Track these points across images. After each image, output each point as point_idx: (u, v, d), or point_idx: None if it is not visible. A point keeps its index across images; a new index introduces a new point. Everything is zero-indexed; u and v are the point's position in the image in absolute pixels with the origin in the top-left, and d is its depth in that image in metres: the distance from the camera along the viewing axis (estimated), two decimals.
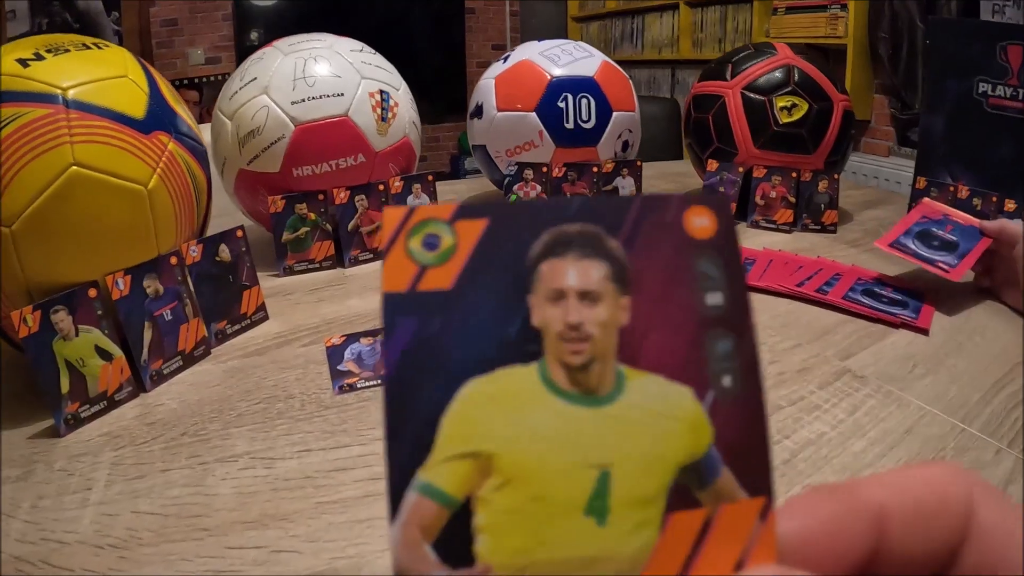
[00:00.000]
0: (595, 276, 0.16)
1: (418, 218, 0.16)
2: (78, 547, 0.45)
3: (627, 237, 0.16)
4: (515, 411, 0.16)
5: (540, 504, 0.15)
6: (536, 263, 0.16)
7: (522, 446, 0.16)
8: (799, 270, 0.93)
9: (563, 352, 0.16)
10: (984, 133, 1.16)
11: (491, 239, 0.16)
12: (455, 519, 0.15)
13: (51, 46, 0.66)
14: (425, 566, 0.15)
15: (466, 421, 0.15)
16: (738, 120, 1.20)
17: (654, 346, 0.16)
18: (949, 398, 0.65)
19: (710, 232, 0.17)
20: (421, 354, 0.16)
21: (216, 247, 0.74)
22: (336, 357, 0.70)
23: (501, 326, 0.16)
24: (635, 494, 0.16)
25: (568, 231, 0.16)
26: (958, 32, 1.20)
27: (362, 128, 0.97)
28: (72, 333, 0.59)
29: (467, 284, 0.16)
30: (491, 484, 0.15)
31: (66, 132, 0.60)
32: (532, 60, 1.23)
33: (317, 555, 0.44)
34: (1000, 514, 0.18)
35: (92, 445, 0.57)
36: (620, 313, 0.16)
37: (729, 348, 0.16)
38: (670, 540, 0.16)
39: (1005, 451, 0.56)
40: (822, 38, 3.20)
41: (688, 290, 0.17)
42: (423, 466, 0.15)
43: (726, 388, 0.16)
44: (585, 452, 0.16)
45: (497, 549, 0.15)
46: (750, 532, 0.16)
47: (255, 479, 0.52)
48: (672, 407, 0.16)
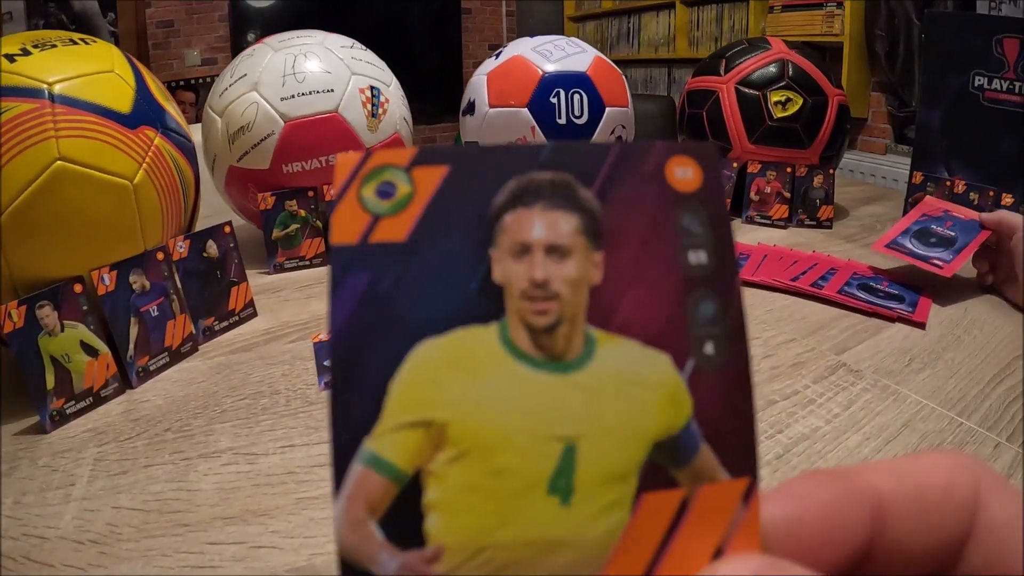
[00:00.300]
0: (565, 229, 0.15)
1: (373, 164, 0.15)
2: (59, 543, 0.44)
3: (602, 187, 0.15)
4: (472, 376, 0.14)
5: (498, 480, 0.14)
6: (500, 214, 0.15)
7: (479, 415, 0.14)
8: (794, 265, 0.93)
9: (527, 312, 0.14)
10: (981, 127, 1.16)
11: (451, 187, 0.15)
12: (404, 494, 0.14)
13: (38, 41, 0.66)
14: (371, 546, 0.13)
15: (418, 386, 0.14)
16: (732, 115, 1.20)
17: (629, 308, 0.15)
18: (947, 392, 0.64)
19: (695, 184, 0.15)
20: (371, 311, 0.14)
21: (204, 243, 0.74)
22: (323, 353, 0.70)
23: (459, 282, 0.14)
24: (604, 471, 0.14)
25: (537, 179, 0.15)
26: (954, 26, 1.19)
27: (352, 124, 0.97)
28: (57, 329, 0.59)
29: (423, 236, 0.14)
30: (444, 457, 0.14)
31: (51, 127, 0.60)
32: (524, 56, 1.22)
33: (297, 551, 0.44)
34: (1012, 510, 0.17)
35: (76, 441, 0.56)
36: (592, 270, 0.15)
37: (713, 312, 0.15)
38: (642, 523, 0.14)
39: (1004, 445, 0.56)
40: (818, 36, 3.20)
41: (669, 247, 0.15)
42: (370, 435, 0.14)
43: (708, 356, 0.15)
44: (549, 423, 0.14)
45: (450, 529, 0.14)
46: (731, 516, 0.15)
47: (237, 475, 0.51)
48: (647, 376, 0.15)
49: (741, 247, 1.00)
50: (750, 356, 0.15)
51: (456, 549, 0.13)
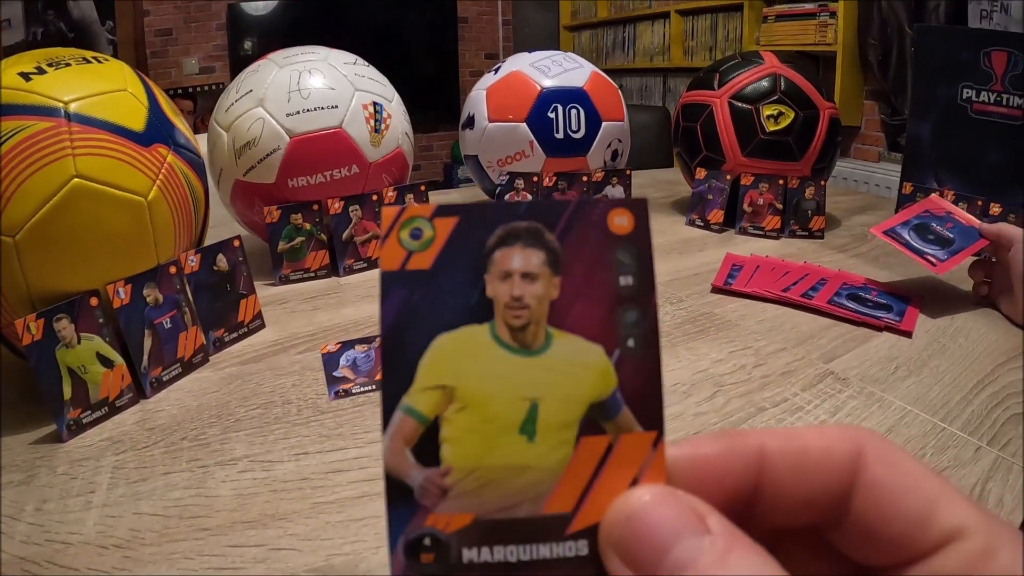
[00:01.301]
0: (535, 261, 0.21)
1: (407, 215, 0.21)
2: (83, 547, 0.46)
3: (561, 232, 0.21)
4: (471, 357, 0.21)
5: (487, 425, 0.20)
6: (492, 251, 0.21)
7: (475, 382, 0.21)
8: (785, 276, 0.95)
9: (508, 317, 0.21)
10: (969, 138, 1.18)
11: (460, 232, 0.21)
12: (428, 432, 0.20)
13: (52, 60, 0.67)
14: (405, 465, 0.20)
15: (437, 363, 0.20)
16: (726, 129, 1.22)
17: (576, 315, 0.21)
18: (930, 399, 0.66)
19: (628, 229, 0.21)
20: (406, 315, 0.20)
21: (214, 256, 0.76)
22: (332, 364, 0.72)
23: (464, 296, 0.21)
24: (556, 421, 0.21)
25: (517, 227, 0.21)
26: (944, 39, 1.22)
27: (356, 139, 0.99)
28: (74, 341, 0.61)
29: (441, 265, 0.21)
30: (453, 408, 0.20)
31: (68, 145, 0.61)
32: (523, 71, 1.25)
33: (315, 552, 0.46)
34: (894, 468, 0.21)
35: (94, 450, 0.58)
36: (552, 289, 0.21)
37: (635, 319, 0.21)
38: (581, 457, 0.21)
39: (984, 449, 0.58)
40: (812, 45, 3.24)
41: (606, 273, 0.21)
42: (407, 394, 0.20)
43: (630, 348, 0.21)
44: (520, 389, 0.21)
45: (456, 455, 0.20)
46: (644, 457, 0.21)
47: (254, 481, 0.53)
48: (586, 359, 0.21)
49: (734, 258, 1.02)
50: (660, 348, 0.21)
51: (459, 468, 0.20)
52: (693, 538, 0.18)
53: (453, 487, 0.20)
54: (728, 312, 0.87)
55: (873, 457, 0.21)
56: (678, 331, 0.81)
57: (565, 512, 0.20)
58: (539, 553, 0.20)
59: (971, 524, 0.20)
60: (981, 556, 0.19)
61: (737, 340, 0.79)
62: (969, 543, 0.19)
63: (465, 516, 0.20)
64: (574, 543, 0.20)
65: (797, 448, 0.21)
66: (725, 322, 0.84)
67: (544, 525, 0.20)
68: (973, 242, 0.87)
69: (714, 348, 0.77)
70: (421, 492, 0.20)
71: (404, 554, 0.20)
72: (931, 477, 0.21)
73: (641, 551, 0.19)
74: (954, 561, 0.19)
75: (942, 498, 0.20)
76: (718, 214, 1.24)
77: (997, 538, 0.19)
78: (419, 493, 0.20)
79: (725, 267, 0.99)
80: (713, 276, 0.97)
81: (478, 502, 0.20)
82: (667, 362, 0.19)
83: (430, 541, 0.20)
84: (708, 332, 0.81)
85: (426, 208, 0.21)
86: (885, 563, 0.21)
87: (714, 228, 1.25)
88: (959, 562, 0.19)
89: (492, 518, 0.20)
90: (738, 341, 0.78)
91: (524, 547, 0.20)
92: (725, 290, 0.93)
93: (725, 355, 0.75)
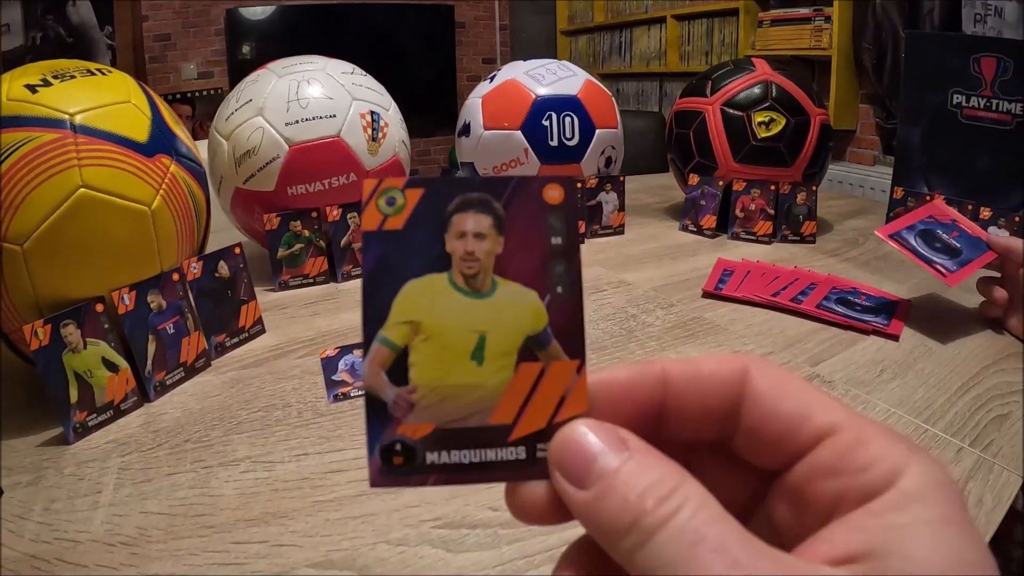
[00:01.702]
0: (484, 224, 0.25)
1: (384, 187, 0.25)
2: (91, 545, 0.48)
3: (506, 201, 0.25)
4: (434, 299, 0.25)
5: (444, 351, 0.25)
6: (450, 215, 0.25)
7: (436, 318, 0.25)
8: (775, 280, 0.97)
9: (462, 267, 0.25)
10: (959, 143, 1.20)
11: (425, 200, 0.25)
12: (399, 358, 0.24)
13: (57, 72, 0.68)
14: (380, 384, 0.24)
15: (406, 303, 0.24)
16: (718, 135, 1.24)
17: (516, 266, 0.25)
18: (915, 401, 0.68)
19: (559, 199, 0.25)
20: (382, 266, 0.24)
21: (215, 263, 0.78)
22: (331, 368, 0.74)
23: (428, 251, 0.25)
24: (499, 350, 0.25)
25: (471, 196, 0.25)
26: (933, 45, 1.24)
27: (353, 148, 1.00)
28: (80, 346, 0.62)
29: (410, 226, 0.25)
30: (419, 339, 0.25)
31: (74, 156, 0.63)
32: (517, 79, 1.27)
33: (315, 548, 0.48)
34: (774, 380, 0.25)
35: (100, 452, 0.59)
36: (497, 246, 0.25)
37: (562, 270, 0.25)
38: (519, 379, 0.25)
39: (966, 450, 0.59)
40: (807, 50, 3.25)
41: (540, 234, 0.25)
42: (382, 327, 0.24)
43: (558, 293, 0.25)
44: (472, 323, 0.25)
45: (421, 375, 0.24)
46: (570, 380, 0.25)
47: (256, 481, 0.55)
48: (524, 301, 0.25)
49: (725, 263, 1.04)
50: (583, 293, 0.25)
51: (423, 386, 0.24)
52: (614, 452, 0.23)
53: (418, 402, 0.24)
54: (718, 316, 0.88)
55: (757, 372, 0.25)
56: (668, 335, 0.83)
57: (507, 423, 0.25)
58: (487, 456, 0.25)
59: (842, 421, 0.23)
60: (851, 446, 0.22)
61: (726, 344, 0.80)
62: (841, 437, 0.23)
63: (428, 426, 0.24)
64: (514, 448, 0.25)
65: (692, 368, 0.25)
66: (714, 326, 0.85)
67: (490, 433, 0.25)
68: (981, 253, 0.84)
69: (703, 352, 0.78)
70: (393, 406, 0.24)
71: (380, 458, 0.24)
72: (807, 387, 0.24)
73: (575, 464, 0.23)
74: (828, 452, 0.23)
75: (815, 402, 0.24)
76: (711, 219, 1.26)
77: (867, 432, 0.22)
78: (391, 407, 0.24)
79: (716, 272, 1.01)
80: (705, 281, 0.98)
81: (438, 414, 0.24)
82: None
83: (400, 447, 0.24)
84: (697, 336, 0.83)
85: (399, 181, 0.25)
86: (775, 464, 0.24)
87: (707, 233, 1.27)
88: (833, 453, 0.23)
89: (449, 427, 0.24)
90: (727, 345, 0.80)
91: (475, 451, 0.25)
92: (716, 295, 0.95)
93: None
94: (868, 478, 0.21)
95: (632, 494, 0.21)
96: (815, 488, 0.23)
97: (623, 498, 0.21)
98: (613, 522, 0.21)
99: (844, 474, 0.22)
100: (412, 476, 0.24)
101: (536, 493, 0.24)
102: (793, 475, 0.24)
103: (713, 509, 0.21)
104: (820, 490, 0.23)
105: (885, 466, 0.21)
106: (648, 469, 0.22)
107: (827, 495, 0.22)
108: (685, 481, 0.22)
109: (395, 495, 0.53)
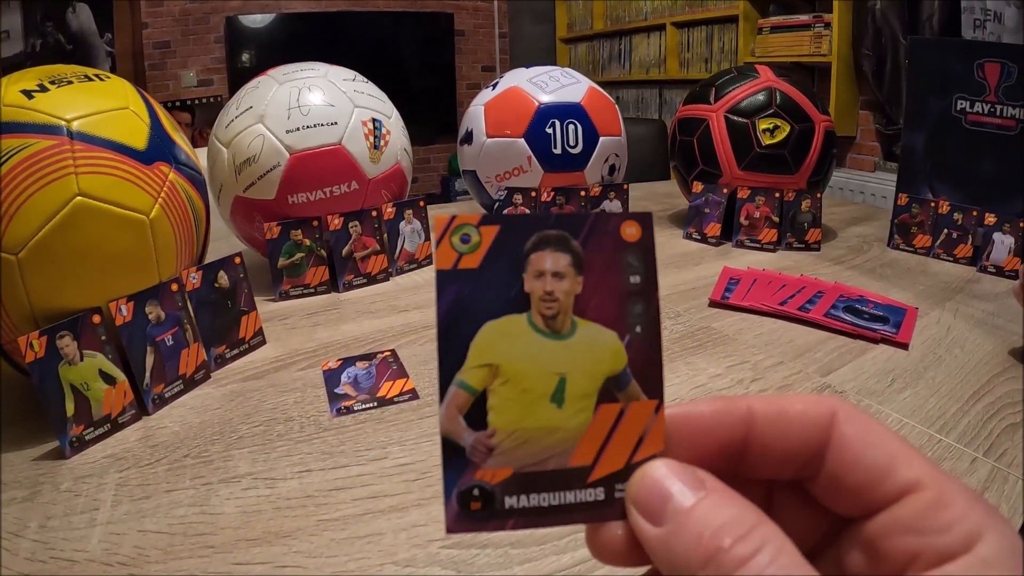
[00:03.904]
0: (563, 263, 0.24)
1: (458, 223, 0.24)
2: (87, 565, 0.46)
3: (584, 239, 0.25)
4: (513, 341, 0.24)
5: (524, 395, 0.24)
6: (528, 253, 0.24)
7: (515, 361, 0.24)
8: (782, 289, 0.96)
9: (542, 307, 0.24)
10: (963, 149, 1.19)
11: (502, 237, 0.24)
12: (477, 402, 0.24)
13: (54, 77, 0.67)
14: (459, 429, 0.24)
15: (484, 346, 0.24)
16: (722, 143, 1.23)
17: (595, 306, 0.25)
18: (927, 410, 0.67)
19: (637, 236, 0.25)
20: (458, 306, 0.24)
21: (215, 274, 0.76)
22: (333, 380, 0.72)
23: (506, 291, 0.24)
24: (579, 392, 0.24)
25: (548, 234, 0.24)
26: (937, 51, 1.23)
27: (355, 156, 0.99)
28: (77, 358, 0.61)
29: (487, 265, 0.24)
30: (498, 382, 0.24)
31: (71, 163, 0.62)
32: (520, 87, 1.26)
33: (320, 570, 0.46)
34: (861, 427, 0.24)
35: (97, 467, 0.58)
36: (576, 286, 0.24)
37: (640, 310, 0.25)
38: (598, 421, 0.24)
39: (981, 460, 0.58)
40: (807, 56, 3.25)
41: (618, 274, 0.25)
42: (460, 371, 0.24)
43: (637, 333, 0.25)
44: (551, 365, 0.24)
45: (499, 419, 0.24)
46: (648, 420, 0.24)
47: (258, 498, 0.54)
48: (603, 342, 0.25)
49: (731, 272, 1.03)
50: (661, 333, 0.25)
51: (502, 430, 0.24)
52: (691, 490, 0.23)
53: (497, 446, 0.24)
54: (726, 326, 0.87)
55: (844, 418, 0.24)
56: (676, 346, 0.82)
57: (586, 464, 0.24)
58: (565, 499, 0.24)
59: (925, 477, 0.22)
60: (935, 506, 0.22)
61: (735, 354, 0.79)
62: (924, 494, 0.22)
63: (507, 470, 0.24)
64: (593, 490, 0.24)
65: (777, 409, 0.25)
66: (723, 336, 0.84)
67: (569, 475, 0.24)
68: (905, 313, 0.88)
69: (712, 363, 0.77)
70: (471, 451, 0.24)
71: (457, 504, 0.24)
72: (893, 437, 0.24)
73: (651, 502, 0.23)
74: (911, 509, 0.22)
75: (901, 455, 0.23)
76: (715, 227, 1.25)
77: (948, 491, 0.22)
78: (469, 452, 0.24)
79: (722, 281, 1.00)
80: (711, 290, 0.97)
81: (517, 458, 0.24)
82: (666, 377, 0.21)
83: (478, 492, 0.24)
84: (706, 347, 0.81)
85: (473, 217, 0.24)
86: (854, 512, 0.24)
87: (711, 241, 1.26)
88: (915, 510, 0.22)
89: (528, 471, 0.24)
90: (735, 355, 0.79)
91: (553, 494, 0.24)
92: (722, 304, 0.93)
93: (723, 370, 0.75)
94: (947, 540, 0.21)
95: (707, 531, 0.21)
96: (893, 543, 0.23)
97: (697, 535, 0.21)
98: (686, 558, 0.21)
99: (924, 534, 0.22)
100: (490, 521, 0.24)
101: (616, 534, 0.24)
102: (871, 526, 0.23)
103: (793, 555, 0.21)
104: (898, 546, 0.22)
105: (964, 529, 0.21)
106: (723, 507, 0.22)
107: (905, 552, 0.22)
108: (763, 522, 0.22)
109: (401, 513, 0.52)
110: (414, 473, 0.57)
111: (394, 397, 0.69)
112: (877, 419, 0.25)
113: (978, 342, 0.82)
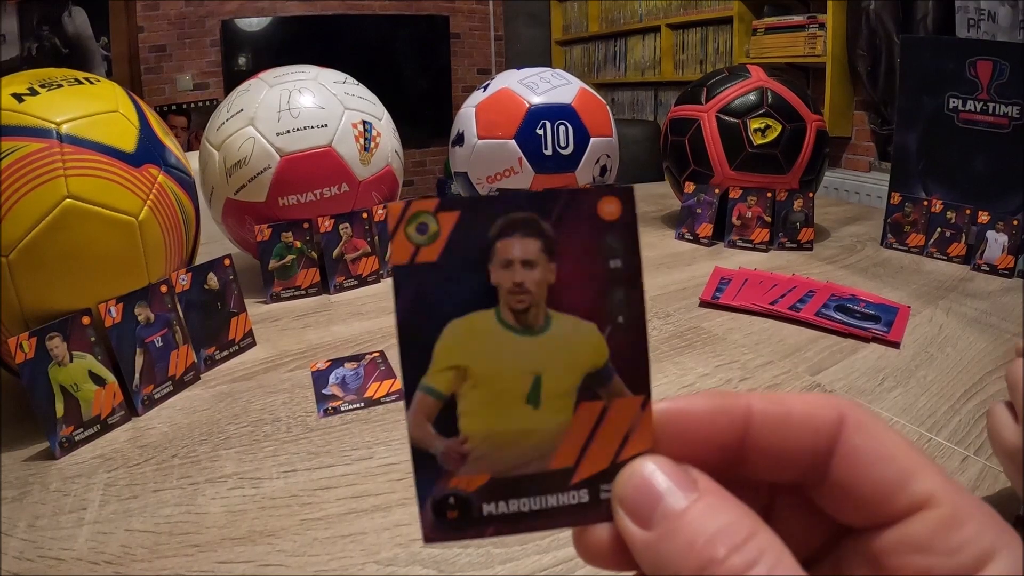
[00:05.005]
0: (533, 249, 0.22)
1: (413, 211, 0.22)
2: (75, 564, 0.47)
3: (556, 221, 0.22)
4: (481, 340, 0.22)
5: (498, 397, 0.22)
6: (493, 241, 0.22)
7: (486, 361, 0.22)
8: (773, 288, 0.96)
9: (511, 301, 0.22)
10: (956, 147, 1.20)
11: (463, 225, 0.22)
12: (445, 407, 0.22)
13: (44, 81, 0.67)
14: (428, 436, 0.22)
15: (450, 347, 0.22)
16: (713, 143, 1.23)
17: (571, 296, 0.23)
18: (917, 409, 0.67)
19: (616, 215, 0.22)
20: (419, 305, 0.22)
21: (205, 275, 0.76)
22: (321, 381, 0.72)
23: (470, 285, 0.22)
24: (557, 390, 0.23)
25: (515, 217, 0.22)
26: (929, 49, 1.23)
27: (346, 158, 1.00)
28: (66, 359, 0.61)
29: (447, 257, 0.22)
30: (467, 385, 0.22)
31: (60, 166, 0.62)
32: (511, 88, 1.26)
33: (303, 568, 0.46)
34: (871, 436, 0.23)
35: (86, 467, 0.58)
36: (549, 275, 0.22)
37: (622, 297, 0.23)
38: (580, 419, 0.23)
39: (971, 458, 0.58)
40: (801, 57, 3.26)
41: (597, 257, 0.22)
42: (425, 375, 0.22)
43: (619, 324, 0.23)
44: (525, 364, 0.22)
45: (472, 425, 0.22)
46: (634, 418, 0.23)
47: (243, 498, 0.54)
48: (582, 336, 0.23)
49: (722, 272, 1.03)
50: (646, 323, 0.23)
51: (475, 436, 0.22)
52: (683, 492, 0.21)
53: (471, 452, 0.22)
54: (715, 326, 0.87)
55: (853, 425, 0.23)
56: (665, 346, 0.82)
57: (568, 466, 0.23)
58: (547, 503, 0.23)
59: (940, 494, 0.21)
60: (947, 524, 0.21)
61: (724, 354, 0.79)
62: (937, 511, 0.21)
63: (483, 476, 0.23)
64: (576, 492, 0.23)
65: (780, 411, 0.23)
66: (712, 336, 0.84)
67: (551, 478, 0.23)
68: (897, 312, 0.88)
69: (701, 362, 0.77)
70: (444, 459, 0.22)
71: (432, 513, 0.23)
72: (907, 448, 0.22)
73: (639, 503, 0.22)
74: (922, 527, 0.21)
75: (915, 468, 0.22)
76: (707, 228, 1.25)
77: (962, 508, 0.21)
78: (442, 460, 0.22)
79: (713, 281, 1.00)
80: (702, 290, 0.97)
81: (493, 463, 0.23)
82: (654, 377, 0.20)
83: (454, 500, 0.23)
84: (695, 346, 0.81)
85: (430, 203, 0.22)
86: (861, 523, 0.23)
87: (703, 242, 1.26)
88: (927, 528, 0.21)
89: (506, 475, 0.23)
90: (725, 355, 0.79)
91: (535, 498, 0.23)
92: (713, 304, 0.94)
93: (711, 369, 0.75)
94: (958, 560, 0.21)
95: (699, 538, 0.20)
96: (901, 560, 0.22)
97: (689, 542, 0.20)
98: (676, 566, 0.20)
99: (935, 554, 0.21)
100: (468, 529, 0.23)
101: (602, 536, 0.23)
102: (879, 541, 0.22)
103: (792, 567, 0.20)
104: (906, 564, 0.22)
105: (976, 550, 0.21)
106: (718, 512, 0.21)
107: (913, 569, 0.21)
108: (759, 530, 0.20)
109: (384, 512, 0.52)
110: (399, 473, 0.57)
111: (381, 398, 0.69)
112: (889, 426, 0.23)
113: (970, 340, 0.82)
